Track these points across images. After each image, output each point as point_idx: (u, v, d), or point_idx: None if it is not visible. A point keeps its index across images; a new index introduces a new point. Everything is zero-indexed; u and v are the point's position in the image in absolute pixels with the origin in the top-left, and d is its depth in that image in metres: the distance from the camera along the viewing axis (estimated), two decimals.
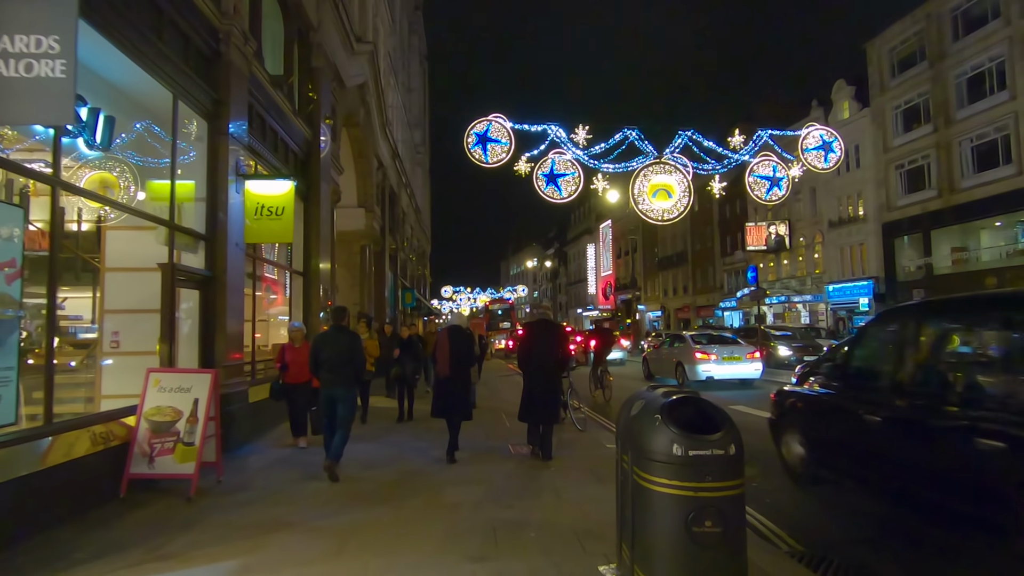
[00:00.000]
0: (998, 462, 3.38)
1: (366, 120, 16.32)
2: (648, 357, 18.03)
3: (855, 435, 4.62)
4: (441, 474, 5.97)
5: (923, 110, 26.69)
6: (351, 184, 17.37)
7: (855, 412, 4.62)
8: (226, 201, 6.60)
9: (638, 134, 12.45)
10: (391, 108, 23.31)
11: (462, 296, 67.76)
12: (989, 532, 3.55)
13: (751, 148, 15.27)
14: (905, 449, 4.08)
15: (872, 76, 29.44)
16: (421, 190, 38.24)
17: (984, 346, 4.22)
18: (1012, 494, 3.26)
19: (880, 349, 4.96)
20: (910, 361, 4.35)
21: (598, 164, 12.32)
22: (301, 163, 10.42)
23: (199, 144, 6.57)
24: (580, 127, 11.71)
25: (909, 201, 27.31)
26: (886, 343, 4.79)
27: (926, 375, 4.27)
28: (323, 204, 10.78)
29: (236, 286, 6.78)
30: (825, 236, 33.12)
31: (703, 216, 44.00)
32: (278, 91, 8.84)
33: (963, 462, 3.65)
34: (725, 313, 42.87)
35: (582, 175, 11.73)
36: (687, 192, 12.61)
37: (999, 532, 3.38)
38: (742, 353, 14.83)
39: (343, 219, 17.61)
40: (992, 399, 3.72)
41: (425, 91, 42.57)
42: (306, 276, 10.46)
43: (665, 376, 15.86)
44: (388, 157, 20.26)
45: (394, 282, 22.92)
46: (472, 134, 11.38)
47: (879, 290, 29.19)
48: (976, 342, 4.35)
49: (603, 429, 8.54)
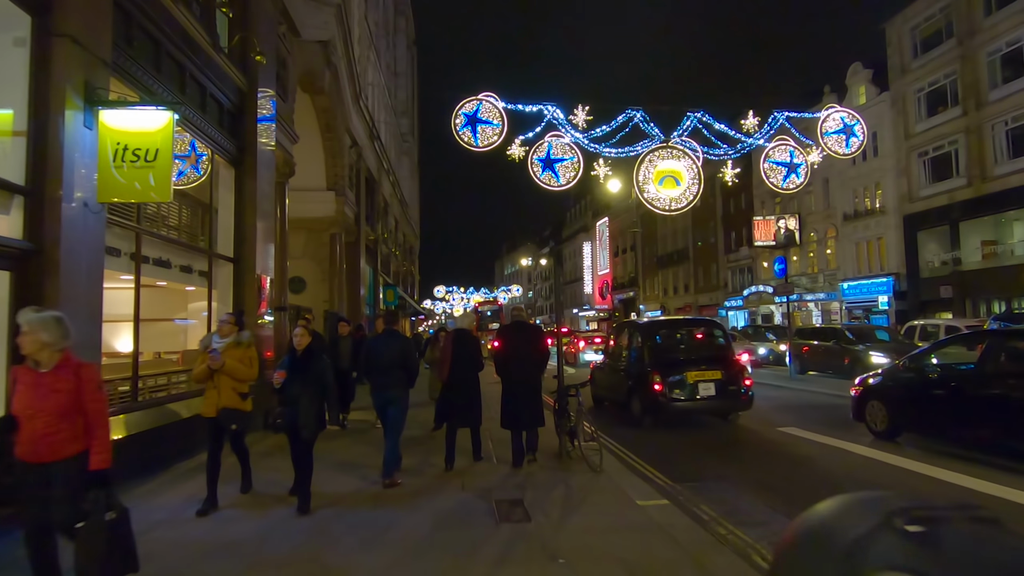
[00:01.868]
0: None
1: (334, 87, 14.04)
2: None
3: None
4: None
5: (950, 92, 24.62)
6: (318, 163, 15.11)
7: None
8: (65, 137, 4.35)
9: (643, 116, 11.17)
10: (371, 86, 21.04)
11: (455, 296, 66.22)
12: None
13: (766, 131, 14.29)
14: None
15: (892, 58, 27.36)
16: (408, 182, 35.96)
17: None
18: None
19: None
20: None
21: (599, 148, 11.09)
22: (231, 118, 8.15)
23: (18, 51, 4.31)
24: (579, 107, 10.50)
25: (934, 191, 25.25)
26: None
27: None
28: (262, 173, 8.52)
29: (82, 266, 4.52)
30: (839, 230, 31.05)
31: (706, 211, 41.89)
32: (185, 11, 6.57)
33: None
34: (729, 313, 40.75)
35: (582, 160, 10.56)
36: (697, 179, 11.26)
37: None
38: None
39: (309, 203, 15.35)
40: None
41: (414, 78, 40.29)
42: (238, 264, 8.18)
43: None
44: (364, 136, 17.98)
45: (373, 277, 20.64)
46: (460, 115, 10.15)
47: (899, 287, 27.13)
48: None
49: (630, 470, 6.32)
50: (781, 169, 13.42)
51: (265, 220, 8.66)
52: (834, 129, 15.13)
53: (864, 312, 29.14)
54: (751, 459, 7.11)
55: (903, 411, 7.49)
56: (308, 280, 16.61)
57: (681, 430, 8.85)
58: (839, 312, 31.05)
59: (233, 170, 8.19)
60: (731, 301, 40.38)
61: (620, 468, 6.29)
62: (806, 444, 7.83)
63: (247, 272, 8.17)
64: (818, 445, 7.71)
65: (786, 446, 7.75)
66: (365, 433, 8.33)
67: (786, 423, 9.21)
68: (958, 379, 6.96)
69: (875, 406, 7.88)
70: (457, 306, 62.40)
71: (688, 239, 46.96)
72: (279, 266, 10.11)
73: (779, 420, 9.50)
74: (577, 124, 10.82)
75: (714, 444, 8.01)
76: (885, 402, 7.73)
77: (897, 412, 7.55)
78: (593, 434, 6.25)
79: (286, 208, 10.47)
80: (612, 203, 61.85)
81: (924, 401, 7.13)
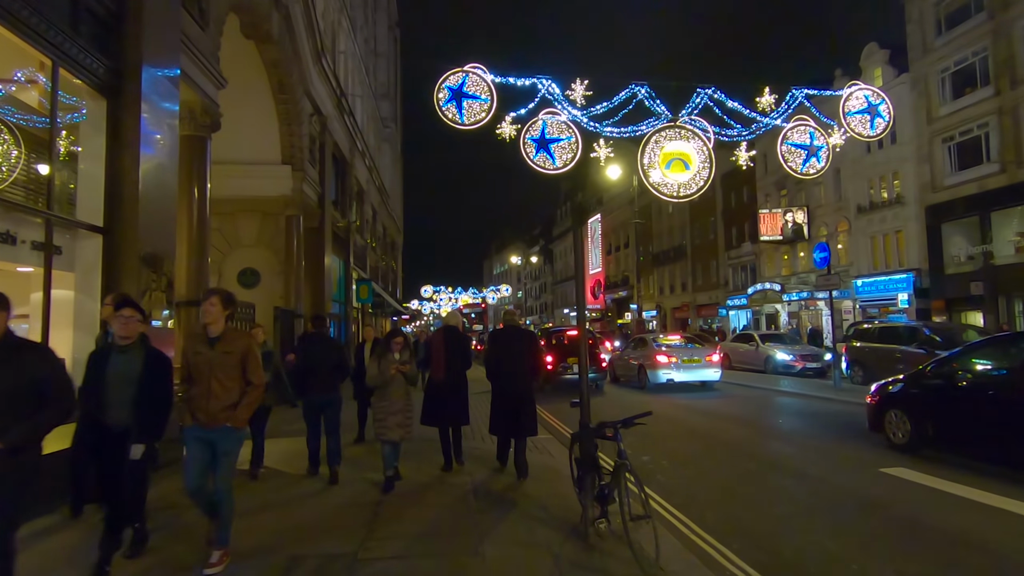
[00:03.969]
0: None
1: (285, 36, 11.55)
2: (614, 361, 17.54)
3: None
4: None
5: (979, 71, 22.60)
6: (271, 132, 12.61)
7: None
8: None
9: (648, 91, 10.00)
10: (343, 55, 18.53)
11: (443, 296, 64.61)
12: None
13: (783, 110, 12.76)
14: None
15: (912, 36, 25.32)
16: (390, 171, 33.40)
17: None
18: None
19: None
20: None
21: (599, 127, 9.88)
22: (101, 27, 5.65)
23: None
24: (578, 81, 9.39)
25: (961, 179, 23.21)
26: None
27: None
28: (154, 110, 6.02)
29: None
30: (852, 224, 28.97)
31: (705, 205, 39.75)
32: None
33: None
34: (731, 312, 38.65)
35: (580, 140, 9.37)
36: (708, 162, 10.75)
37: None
38: (702, 356, 14.95)
39: (261, 179, 12.88)
40: None
41: (396, 62, 37.75)
42: (110, 236, 5.68)
43: (629, 380, 16.00)
44: (331, 106, 15.47)
45: (344, 271, 18.11)
46: (444, 88, 9.02)
47: (920, 284, 25.08)
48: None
49: (705, 563, 3.85)
50: (800, 152, 12.42)
51: (161, 177, 6.17)
52: (858, 108, 13.93)
53: (880, 311, 27.08)
54: (882, 534, 4.59)
55: (928, 422, 6.88)
56: (263, 272, 14.09)
57: (757, 477, 6.44)
58: (852, 311, 28.96)
59: (104, 101, 5.68)
60: (733, 300, 38.23)
61: (687, 560, 3.82)
62: (939, 499, 5.45)
63: (124, 248, 5.66)
64: (957, 501, 5.35)
65: (916, 506, 5.23)
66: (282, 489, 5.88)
67: (887, 461, 6.82)
68: (989, 385, 6.46)
69: (895, 415, 7.34)
70: (445, 306, 60.53)
71: (686, 235, 44.81)
72: (194, 246, 7.61)
73: (871, 456, 7.14)
74: (575, 100, 9.58)
75: (810, 502, 5.45)
76: (908, 411, 7.16)
77: (920, 423, 6.95)
78: (644, 506, 3.80)
79: (206, 171, 7.98)
80: (604, 199, 59.71)
81: (955, 411, 6.61)
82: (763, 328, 34.15)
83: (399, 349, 5.53)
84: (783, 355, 18.19)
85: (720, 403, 12.47)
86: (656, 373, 14.38)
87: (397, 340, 5.61)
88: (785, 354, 18.20)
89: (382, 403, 5.42)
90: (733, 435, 8.96)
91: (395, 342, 5.58)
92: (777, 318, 34.85)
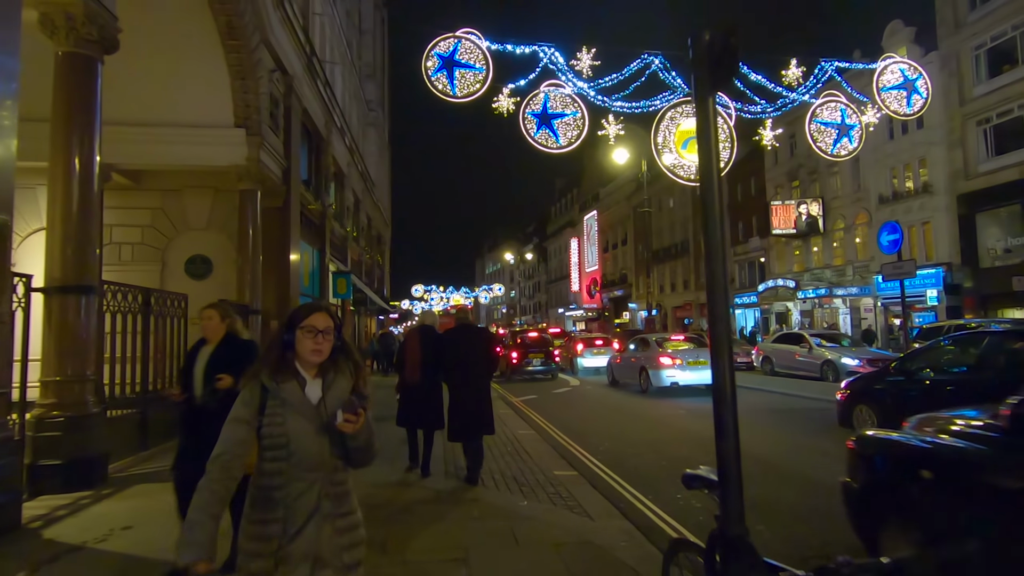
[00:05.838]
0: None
1: None
2: (612, 363, 17.18)
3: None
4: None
5: (1020, 46, 20.70)
6: (220, 88, 10.34)
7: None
8: None
9: (662, 62, 9.27)
10: (318, 16, 16.24)
11: (434, 295, 63.24)
12: None
13: (812, 85, 11.43)
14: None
15: (942, 11, 23.41)
16: (376, 158, 31.12)
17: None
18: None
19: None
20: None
21: (608, 102, 9.22)
22: None
23: None
24: (584, 50, 8.80)
25: (998, 165, 21.29)
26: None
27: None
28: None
29: None
30: (873, 215, 27.00)
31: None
32: None
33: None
34: (738, 311, 36.68)
35: (587, 116, 8.67)
36: (729, 141, 9.34)
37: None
38: (708, 357, 11.73)
39: (209, 146, 10.64)
40: None
41: (384, 43, 35.48)
42: None
43: (629, 383, 15.44)
44: (299, 65, 13.21)
45: (318, 261, 15.84)
46: (433, 55, 8.24)
47: (951, 280, 23.14)
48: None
49: None
50: (831, 131, 10.49)
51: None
52: (893, 84, 12.42)
53: (906, 309, 25.13)
54: None
55: (892, 416, 6.75)
56: (216, 260, 11.82)
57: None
58: (873, 309, 27.04)
59: None
60: (741, 298, 36.26)
61: None
62: None
63: None
64: None
65: None
66: None
67: None
68: (953, 383, 7.00)
69: (863, 411, 7.77)
70: (436, 306, 58.69)
71: (688, 230, 42.79)
72: (73, 211, 5.36)
73: None
74: (581, 71, 8.89)
75: None
76: (872, 406, 7.63)
77: (885, 417, 7.15)
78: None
79: (95, 109, 5.71)
80: (602, 194, 57.69)
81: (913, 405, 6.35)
82: (772, 327, 32.25)
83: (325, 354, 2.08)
84: (848, 359, 15.17)
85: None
86: (659, 374, 13.62)
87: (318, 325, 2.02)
88: (850, 358, 15.22)
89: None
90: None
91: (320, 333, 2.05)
92: (788, 317, 32.90)
